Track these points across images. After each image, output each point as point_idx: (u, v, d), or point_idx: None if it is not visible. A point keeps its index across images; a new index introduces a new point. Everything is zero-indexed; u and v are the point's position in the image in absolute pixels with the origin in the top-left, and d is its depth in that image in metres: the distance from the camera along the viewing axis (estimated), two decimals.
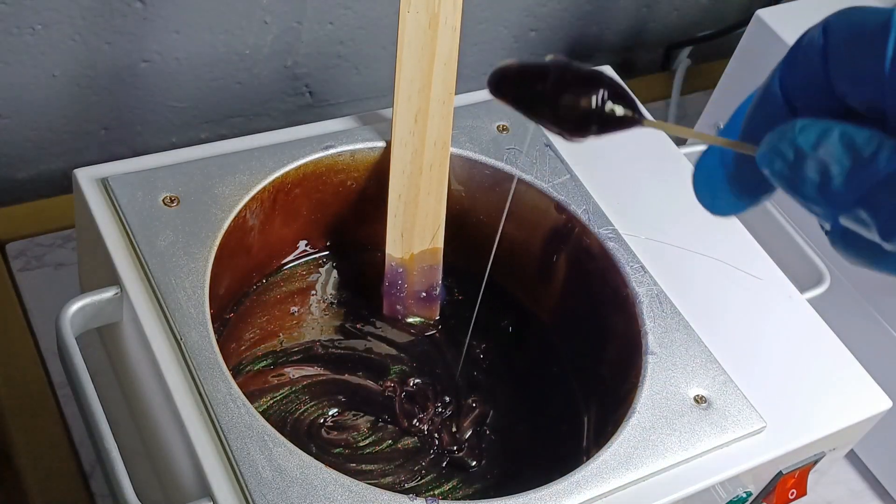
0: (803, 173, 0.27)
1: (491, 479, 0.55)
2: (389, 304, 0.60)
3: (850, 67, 0.27)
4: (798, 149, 0.27)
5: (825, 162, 0.26)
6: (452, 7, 0.56)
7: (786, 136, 0.27)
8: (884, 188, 0.26)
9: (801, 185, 0.27)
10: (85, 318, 0.49)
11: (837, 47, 0.27)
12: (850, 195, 0.26)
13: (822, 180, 0.27)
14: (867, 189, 0.26)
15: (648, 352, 0.52)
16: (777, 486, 0.55)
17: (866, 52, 0.27)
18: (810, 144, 0.27)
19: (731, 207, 0.31)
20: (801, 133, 0.27)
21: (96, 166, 0.53)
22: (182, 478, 0.47)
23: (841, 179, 0.26)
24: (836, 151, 0.26)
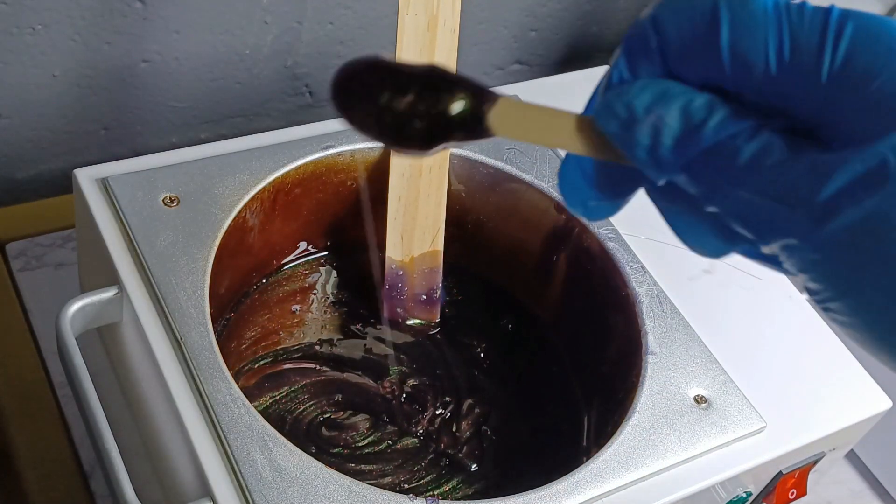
0: (635, 135, 0.26)
1: (491, 479, 0.55)
2: (390, 306, 0.60)
3: (688, 66, 0.27)
4: (632, 109, 0.26)
5: (656, 125, 0.26)
6: (451, 9, 0.56)
7: (622, 96, 0.27)
8: (707, 156, 0.26)
9: (633, 146, 0.27)
10: (85, 318, 0.49)
11: (670, 46, 0.27)
12: (677, 160, 0.26)
13: (653, 143, 0.26)
14: (693, 156, 0.26)
15: (648, 352, 0.52)
16: (777, 486, 0.55)
17: (700, 51, 0.26)
18: (644, 106, 0.26)
19: (602, 211, 0.30)
20: (638, 94, 0.27)
21: (96, 166, 0.53)
22: (182, 478, 0.47)
23: (669, 144, 0.26)
24: (668, 115, 0.26)
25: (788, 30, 0.25)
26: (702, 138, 0.26)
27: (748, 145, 0.25)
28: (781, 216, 0.25)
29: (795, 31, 0.25)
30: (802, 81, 0.25)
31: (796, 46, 0.25)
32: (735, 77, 0.26)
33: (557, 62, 0.95)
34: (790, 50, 0.25)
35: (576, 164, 0.30)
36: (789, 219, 0.25)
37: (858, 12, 0.25)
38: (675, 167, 0.27)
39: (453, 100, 0.28)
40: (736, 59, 0.26)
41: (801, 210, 0.25)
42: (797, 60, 0.25)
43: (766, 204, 0.25)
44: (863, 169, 0.24)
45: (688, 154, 0.26)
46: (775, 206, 0.25)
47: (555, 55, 0.94)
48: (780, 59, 0.25)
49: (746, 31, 0.25)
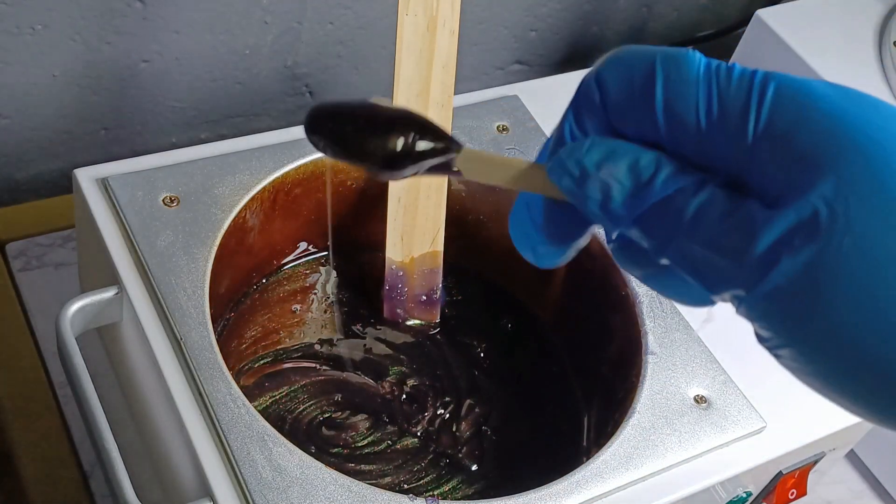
0: (587, 191, 0.28)
1: (491, 479, 0.55)
2: (390, 307, 0.60)
3: (626, 122, 0.28)
4: (583, 167, 0.28)
5: (607, 182, 0.27)
6: (451, 10, 0.56)
7: (573, 154, 0.28)
8: (657, 210, 0.27)
9: (586, 201, 0.28)
10: (85, 318, 0.49)
11: (611, 103, 0.28)
12: (628, 214, 0.27)
13: (604, 199, 0.27)
14: (643, 210, 0.27)
15: (648, 352, 0.52)
16: (777, 486, 0.55)
17: (637, 108, 0.27)
18: (594, 163, 0.28)
19: (552, 257, 0.31)
20: (588, 152, 0.28)
21: (96, 166, 0.53)
22: (182, 478, 0.47)
23: (620, 200, 0.27)
24: (618, 172, 0.27)
25: (717, 91, 0.26)
26: (650, 193, 0.27)
27: (693, 199, 0.26)
28: (726, 267, 0.26)
29: (723, 92, 0.26)
30: (731, 139, 0.26)
31: (724, 106, 0.26)
32: (669, 133, 0.27)
33: (557, 62, 0.95)
34: (718, 109, 0.26)
35: (525, 211, 0.31)
36: (734, 270, 0.26)
37: (781, 74, 0.26)
38: (626, 221, 0.28)
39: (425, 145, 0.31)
40: (669, 115, 0.27)
41: (744, 262, 0.26)
42: (725, 119, 0.26)
43: (711, 256, 0.26)
44: (796, 220, 0.25)
45: (638, 208, 0.27)
46: (720, 257, 0.26)
47: (555, 55, 0.94)
48: (709, 118, 0.26)
49: (678, 91, 0.27)
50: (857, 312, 0.24)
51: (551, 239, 0.31)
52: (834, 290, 0.24)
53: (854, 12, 0.79)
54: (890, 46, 0.76)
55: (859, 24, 0.78)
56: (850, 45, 0.76)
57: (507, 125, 0.61)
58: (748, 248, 0.25)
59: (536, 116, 0.62)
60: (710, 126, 0.26)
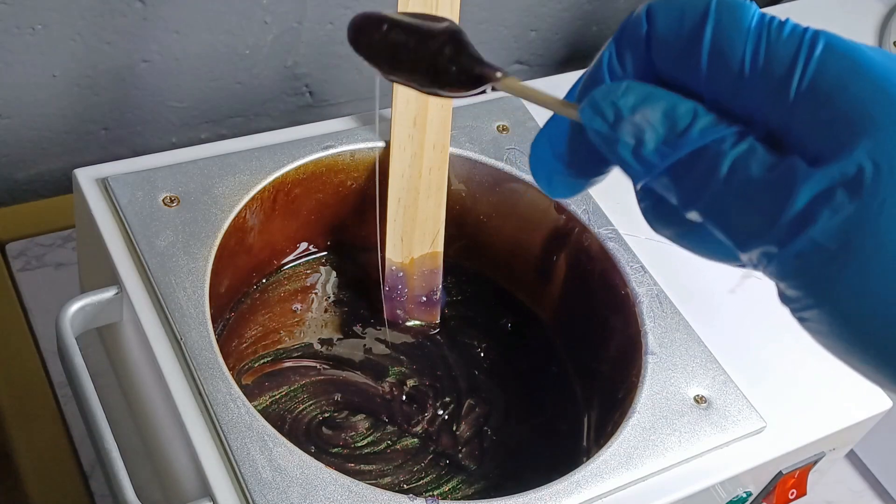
0: (619, 135, 0.27)
1: (491, 479, 0.55)
2: (390, 308, 0.60)
3: (670, 59, 0.28)
4: (618, 109, 0.27)
5: (641, 127, 0.27)
6: (450, 10, 0.56)
7: (609, 96, 0.27)
8: (691, 160, 0.26)
9: (616, 145, 0.27)
10: (85, 318, 0.49)
11: (658, 37, 0.28)
12: (660, 162, 0.27)
13: (637, 144, 0.27)
14: (676, 159, 0.27)
15: (648, 352, 0.52)
16: (777, 486, 0.55)
17: (684, 46, 0.27)
18: (630, 107, 0.27)
19: (565, 188, 0.31)
20: (624, 94, 0.27)
21: (96, 166, 0.53)
22: (182, 478, 0.47)
23: (653, 146, 0.27)
24: (654, 118, 0.27)
25: (766, 42, 0.26)
26: (686, 142, 0.27)
27: (731, 150, 0.26)
28: (761, 222, 0.26)
29: (773, 43, 0.26)
30: (773, 91, 0.26)
31: (770, 58, 0.26)
32: (710, 77, 0.27)
33: (557, 62, 0.95)
34: (764, 60, 0.26)
35: (546, 137, 0.31)
36: (768, 225, 0.26)
37: (830, 34, 0.26)
38: (657, 169, 0.27)
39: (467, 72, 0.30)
40: (714, 60, 0.26)
41: (780, 217, 0.25)
42: (770, 70, 0.26)
43: (746, 210, 0.26)
44: (839, 176, 0.24)
45: (671, 156, 0.27)
46: (755, 212, 0.26)
47: (555, 55, 0.94)
48: (753, 67, 0.26)
49: (728, 37, 0.26)
50: (894, 273, 0.24)
51: (570, 170, 0.30)
52: (871, 249, 0.24)
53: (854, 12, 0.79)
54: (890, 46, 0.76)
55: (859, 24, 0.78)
56: None
57: (507, 125, 0.61)
58: (786, 203, 0.25)
59: (536, 116, 0.62)
60: (754, 75, 0.26)
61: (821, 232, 0.25)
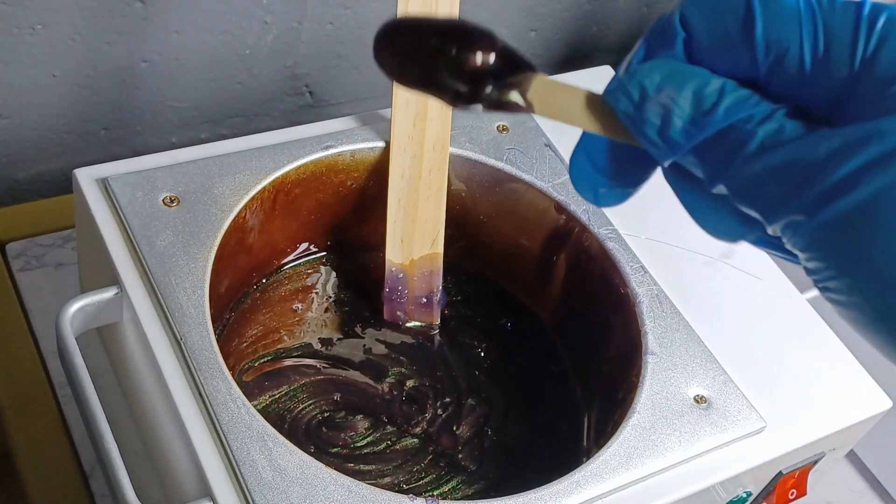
0: (645, 114, 0.27)
1: (491, 479, 0.55)
2: (390, 309, 0.60)
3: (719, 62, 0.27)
4: (643, 89, 0.27)
5: (667, 106, 0.26)
6: (449, 12, 0.56)
7: (634, 76, 0.27)
8: (718, 138, 0.26)
9: (643, 125, 0.27)
10: (85, 318, 0.49)
11: (701, 43, 0.27)
12: (687, 142, 0.26)
13: (663, 124, 0.26)
14: (703, 138, 0.26)
15: (648, 352, 0.52)
16: (777, 486, 0.55)
17: (734, 47, 0.26)
18: (655, 86, 0.26)
19: (612, 198, 0.31)
20: (650, 73, 0.27)
21: (96, 166, 0.53)
22: (182, 478, 0.47)
23: (680, 126, 0.26)
24: (679, 97, 0.26)
25: (822, 23, 0.25)
26: (713, 121, 0.26)
27: (760, 129, 0.25)
28: (790, 194, 0.25)
29: (828, 23, 0.25)
30: (833, 74, 0.25)
31: (830, 40, 0.25)
32: (769, 72, 0.26)
33: (557, 62, 0.95)
34: (824, 44, 0.25)
35: (584, 151, 0.30)
36: (798, 197, 0.25)
37: (891, 6, 0.25)
38: (684, 149, 0.27)
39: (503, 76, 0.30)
40: (770, 53, 0.26)
41: (810, 188, 0.25)
42: (830, 54, 0.25)
43: (775, 184, 0.25)
44: (878, 149, 0.24)
45: (698, 136, 0.26)
46: (784, 185, 0.25)
47: (555, 55, 0.94)
48: (814, 54, 0.25)
49: (780, 24, 0.25)
50: None
51: (614, 181, 0.30)
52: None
53: None
54: None
55: None
56: None
57: (507, 125, 0.61)
58: (821, 175, 0.24)
59: (536, 116, 0.62)
60: (815, 61, 0.25)
61: (852, 202, 0.24)
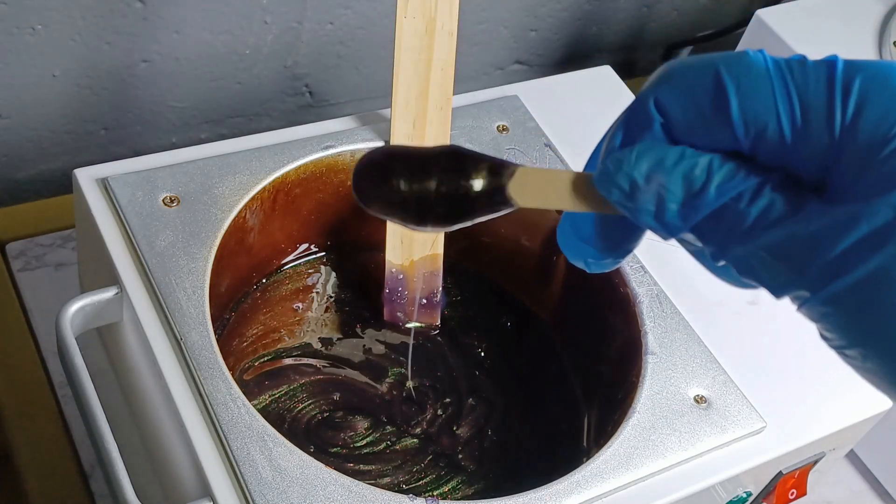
0: (639, 203, 0.27)
1: (491, 479, 0.55)
2: (390, 310, 0.60)
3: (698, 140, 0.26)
4: (632, 179, 0.27)
5: (659, 193, 0.26)
6: (449, 12, 0.56)
7: (621, 167, 0.27)
8: (713, 218, 0.26)
9: (638, 213, 0.27)
10: (85, 318, 0.49)
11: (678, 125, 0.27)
12: (684, 224, 0.27)
13: (658, 210, 0.27)
14: (698, 220, 0.26)
15: (648, 352, 0.52)
16: (777, 486, 0.55)
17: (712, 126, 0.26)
18: (643, 175, 0.26)
19: (604, 266, 0.31)
20: (637, 163, 0.27)
21: (96, 166, 0.53)
22: (182, 478, 0.47)
23: (675, 210, 0.26)
24: (669, 181, 0.26)
25: (796, 92, 0.25)
26: (705, 202, 0.26)
27: (752, 208, 0.25)
28: (790, 272, 0.25)
29: (802, 92, 0.25)
30: (815, 142, 0.25)
31: (806, 109, 0.25)
32: (753, 146, 0.26)
33: (557, 62, 0.95)
34: (801, 114, 0.25)
35: (570, 223, 0.30)
36: (798, 275, 0.25)
37: (864, 62, 0.25)
38: (682, 230, 0.27)
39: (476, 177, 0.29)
40: (750, 130, 0.25)
41: (809, 267, 0.25)
42: (809, 124, 0.25)
43: (773, 262, 0.25)
44: (868, 228, 0.24)
45: (693, 218, 0.26)
46: (783, 264, 0.25)
47: (555, 55, 0.94)
48: (793, 126, 0.25)
49: (754, 99, 0.25)
50: None
51: (603, 251, 0.30)
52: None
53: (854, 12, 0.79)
54: (890, 46, 0.76)
55: (859, 24, 0.78)
56: (850, 45, 0.76)
57: (507, 125, 0.61)
58: (816, 255, 0.25)
59: (536, 116, 0.62)
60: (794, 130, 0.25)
61: (849, 281, 0.24)
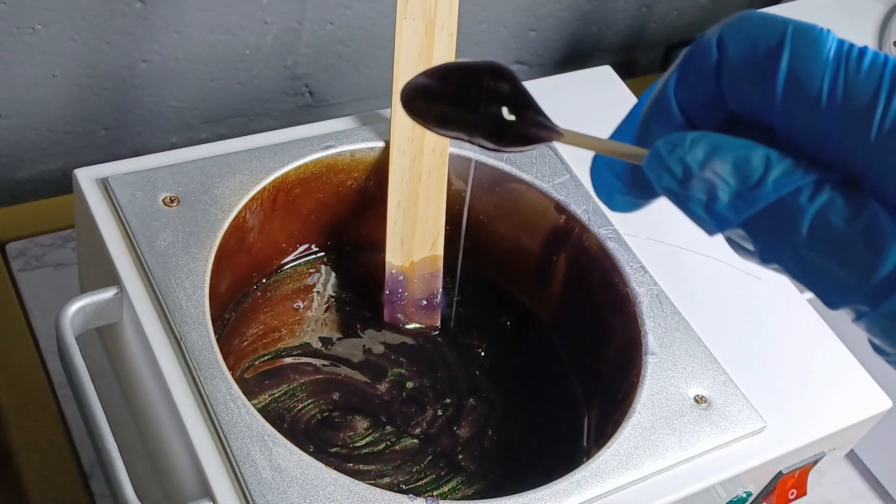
0: (689, 192, 0.26)
1: (491, 479, 0.55)
2: (390, 311, 0.60)
3: (743, 89, 0.26)
4: (686, 166, 0.26)
5: (712, 182, 0.26)
6: (448, 13, 0.56)
7: (675, 151, 0.26)
8: (768, 214, 0.25)
9: (688, 202, 0.26)
10: (85, 318, 0.49)
11: (730, 66, 0.26)
12: (735, 218, 0.26)
13: (709, 200, 0.26)
14: (751, 214, 0.25)
15: (648, 352, 0.52)
16: (777, 486, 0.55)
17: (758, 75, 0.26)
18: (698, 162, 0.26)
19: (626, 206, 0.30)
20: (692, 148, 0.26)
21: (96, 166, 0.53)
22: (182, 478, 0.47)
23: (727, 201, 0.25)
24: (725, 171, 0.25)
25: (845, 73, 0.25)
26: (761, 195, 0.25)
27: (811, 204, 0.25)
28: (848, 281, 0.24)
29: (852, 75, 0.24)
30: (852, 130, 0.24)
31: (850, 91, 0.24)
32: (784, 109, 0.25)
33: (557, 62, 0.95)
34: (843, 92, 0.24)
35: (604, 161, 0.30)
36: (856, 284, 0.24)
37: None
38: (733, 224, 0.26)
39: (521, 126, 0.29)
40: (789, 91, 0.25)
41: (871, 277, 0.24)
42: (848, 103, 0.24)
43: (830, 268, 0.24)
44: None
45: (746, 211, 0.25)
46: (841, 270, 0.24)
47: (555, 55, 0.94)
48: (831, 97, 0.25)
49: (806, 63, 0.25)
50: None
51: (631, 191, 0.29)
52: None
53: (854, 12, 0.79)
54: (890, 46, 0.76)
55: (859, 24, 0.78)
56: None
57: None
58: (875, 262, 0.23)
59: None
60: (832, 109, 0.24)
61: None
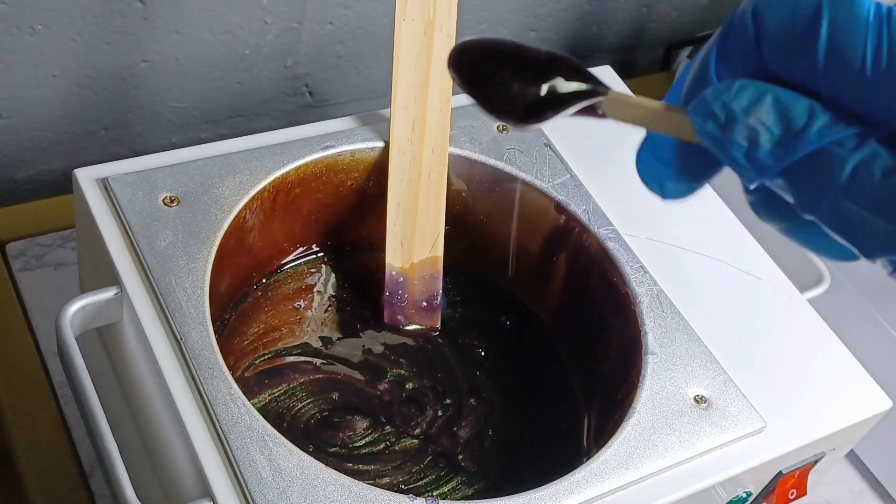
0: (732, 137, 0.26)
1: (491, 479, 0.55)
2: (390, 313, 0.60)
3: (784, 60, 0.26)
4: (730, 111, 0.26)
5: (755, 128, 0.26)
6: (447, 14, 0.56)
7: (720, 96, 0.26)
8: (809, 163, 0.25)
9: (729, 147, 0.26)
10: (85, 318, 0.49)
11: (769, 37, 0.26)
12: (776, 165, 0.26)
13: (750, 146, 0.26)
14: (793, 161, 0.26)
15: (648, 352, 0.52)
16: (777, 486, 0.55)
17: (798, 44, 0.26)
18: (743, 108, 0.26)
19: (678, 192, 0.30)
20: (737, 95, 0.26)
21: (96, 166, 0.53)
22: (182, 478, 0.47)
23: (768, 148, 0.26)
24: (768, 118, 0.26)
25: (888, 35, 0.25)
26: (804, 143, 0.25)
27: (853, 153, 0.25)
28: (887, 231, 0.24)
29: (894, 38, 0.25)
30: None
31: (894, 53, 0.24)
32: (827, 76, 0.25)
33: None
34: (888, 55, 0.25)
35: (650, 146, 0.30)
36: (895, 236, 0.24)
37: None
38: (773, 171, 0.26)
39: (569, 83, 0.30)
40: (831, 57, 0.25)
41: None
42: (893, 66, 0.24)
43: (870, 218, 0.25)
44: None
45: (787, 158, 0.26)
46: (880, 220, 0.24)
47: None
48: (876, 63, 0.25)
49: (846, 29, 0.25)
50: None
51: (681, 176, 0.30)
52: None
53: None
54: None
55: None
56: None
57: (508, 125, 0.61)
58: None
59: None
60: (876, 73, 0.25)
61: None
